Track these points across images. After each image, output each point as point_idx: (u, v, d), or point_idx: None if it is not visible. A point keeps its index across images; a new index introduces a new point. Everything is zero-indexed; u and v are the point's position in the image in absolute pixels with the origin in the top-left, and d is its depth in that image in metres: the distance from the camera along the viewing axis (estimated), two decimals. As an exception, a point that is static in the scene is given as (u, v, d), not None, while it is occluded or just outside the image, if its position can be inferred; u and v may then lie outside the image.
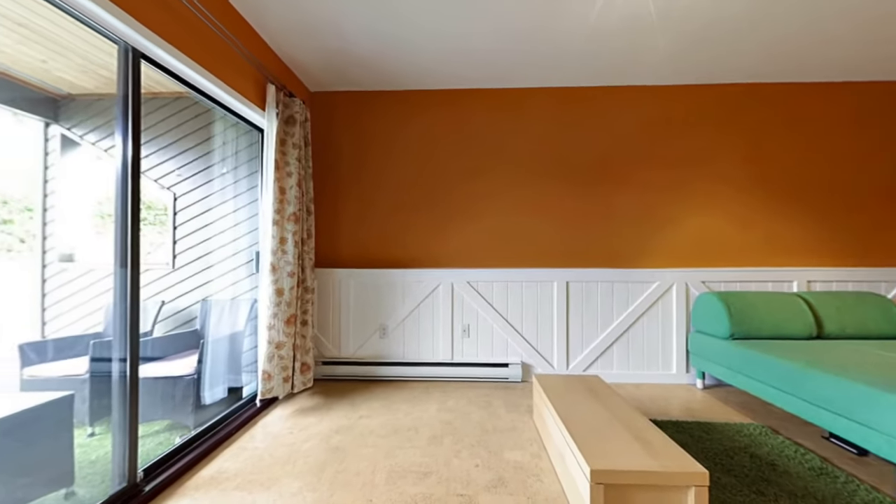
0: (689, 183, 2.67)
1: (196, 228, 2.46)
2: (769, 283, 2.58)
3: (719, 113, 2.67)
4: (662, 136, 2.70)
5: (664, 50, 2.30)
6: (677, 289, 2.59)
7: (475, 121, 2.76)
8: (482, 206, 2.74)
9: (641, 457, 1.17)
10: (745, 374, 2.08)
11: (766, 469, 1.53)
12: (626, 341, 2.64)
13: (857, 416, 1.49)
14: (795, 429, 1.93)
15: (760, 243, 2.65)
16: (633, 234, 2.70)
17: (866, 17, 1.95)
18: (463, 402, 2.26)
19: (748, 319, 2.24)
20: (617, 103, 2.73)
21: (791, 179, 2.64)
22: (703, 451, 1.68)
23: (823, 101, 2.64)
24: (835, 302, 2.31)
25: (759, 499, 1.34)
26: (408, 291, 2.70)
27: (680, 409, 2.18)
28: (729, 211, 2.66)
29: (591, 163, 2.72)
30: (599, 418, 1.46)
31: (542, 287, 2.67)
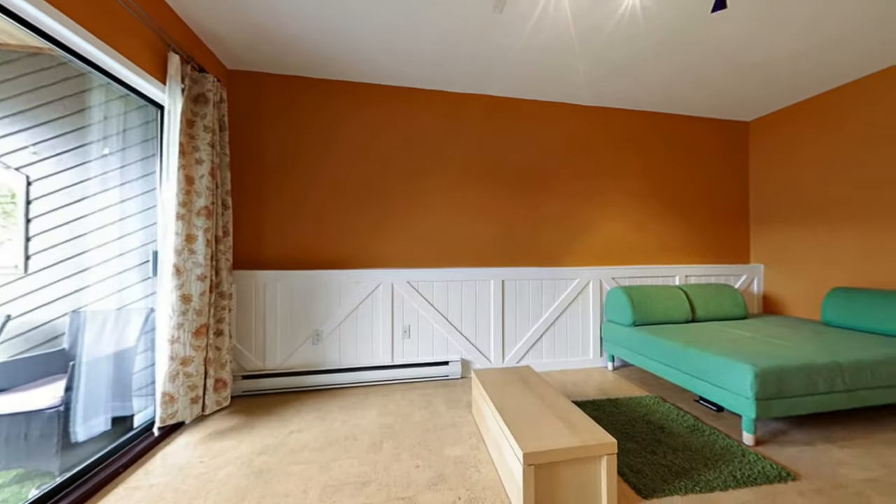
0: (602, 193, 2.93)
1: (63, 222, 1.88)
2: (660, 279, 2.99)
3: (625, 134, 2.98)
4: (582, 151, 2.90)
5: (584, 74, 2.45)
6: (593, 284, 2.82)
7: (417, 121, 2.62)
8: (423, 207, 2.61)
9: (566, 436, 1.29)
10: (642, 355, 2.33)
11: (658, 432, 1.75)
12: (553, 333, 2.78)
13: (716, 380, 1.78)
14: (677, 396, 2.24)
15: (654, 245, 3.06)
16: (558, 237, 2.85)
17: (736, 63, 2.33)
18: (404, 404, 2.13)
19: (645, 309, 2.52)
20: (546, 117, 2.85)
21: (675, 194, 3.08)
22: (612, 423, 1.86)
23: (699, 133, 3.13)
24: (703, 292, 2.75)
25: (652, 457, 1.55)
26: (345, 293, 2.46)
27: (595, 390, 2.36)
28: (631, 218, 3.00)
29: (523, 171, 2.79)
30: (531, 405, 1.56)
31: (481, 285, 2.68)
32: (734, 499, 1.32)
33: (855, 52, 2.18)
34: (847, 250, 2.58)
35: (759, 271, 3.19)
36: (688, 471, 1.47)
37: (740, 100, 2.86)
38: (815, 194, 2.78)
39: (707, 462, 1.52)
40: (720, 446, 1.65)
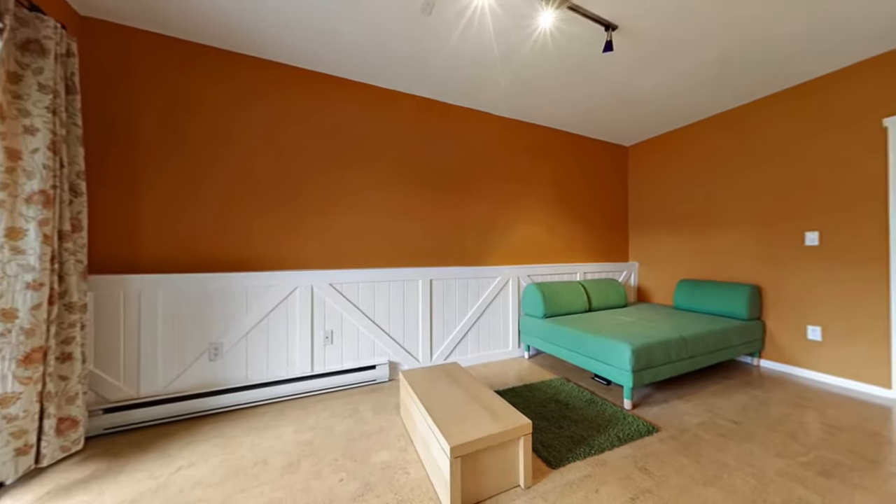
0: (520, 198, 3.21)
1: None
2: (566, 275, 3.43)
3: (539, 146, 3.32)
4: (504, 158, 3.13)
5: (505, 89, 2.65)
6: (512, 282, 3.06)
7: (342, 112, 2.45)
8: (347, 204, 2.46)
9: (489, 424, 1.37)
10: (552, 343, 2.64)
11: (563, 409, 2.00)
12: (478, 328, 2.93)
13: (605, 359, 2.14)
14: (578, 375, 2.59)
15: (562, 246, 3.49)
16: (482, 237, 3.00)
17: (617, 98, 2.78)
18: (326, 416, 1.96)
19: (555, 302, 2.87)
20: (473, 124, 2.98)
21: (577, 201, 3.56)
22: (528, 406, 2.06)
23: (594, 151, 3.68)
24: (596, 286, 3.27)
25: (559, 431, 1.76)
26: (254, 298, 2.14)
27: (514, 378, 2.55)
28: (543, 221, 3.36)
29: (451, 173, 2.86)
30: (457, 399, 1.62)
31: (409, 285, 2.65)
32: (618, 455, 1.59)
33: (697, 100, 2.87)
34: (690, 250, 3.37)
35: (635, 268, 3.94)
36: (586, 438, 1.71)
37: (621, 128, 3.48)
38: (671, 208, 3.56)
39: (599, 428, 1.80)
40: (609, 414, 1.97)
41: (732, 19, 1.88)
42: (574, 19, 1.87)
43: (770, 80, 2.55)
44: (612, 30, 1.93)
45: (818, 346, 2.50)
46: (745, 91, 2.70)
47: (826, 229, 2.46)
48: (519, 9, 1.80)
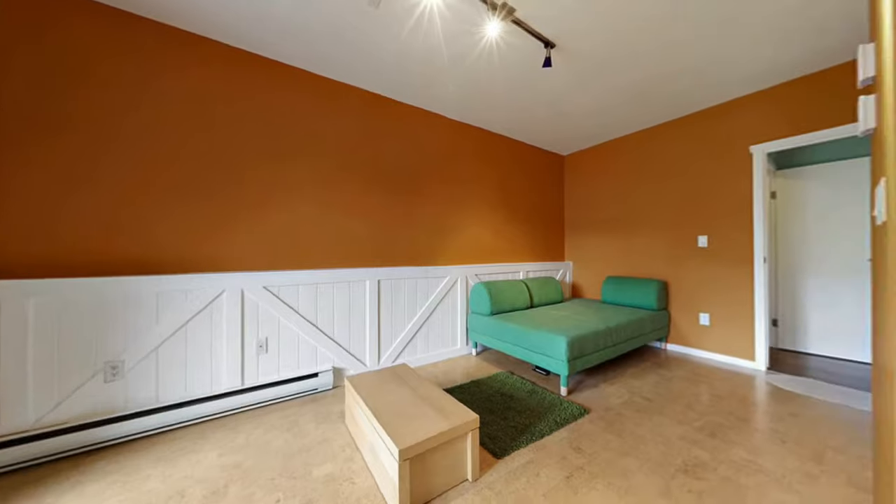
0: (468, 199, 3.28)
1: None
2: (510, 274, 3.61)
3: (485, 150, 3.44)
4: (453, 160, 3.17)
5: (454, 92, 2.73)
6: (460, 281, 3.13)
7: (280, 99, 2.23)
8: (287, 199, 2.25)
9: (438, 422, 1.37)
10: (498, 339, 2.75)
11: (508, 400, 2.11)
12: (427, 328, 2.92)
13: (544, 351, 2.31)
14: (522, 368, 2.75)
15: (507, 246, 3.64)
16: (431, 237, 3.01)
17: (555, 111, 3.03)
18: (259, 433, 1.76)
19: (500, 300, 3.00)
20: (424, 124, 2.96)
21: (520, 204, 3.79)
22: (475, 401, 2.13)
23: (535, 158, 3.94)
24: (537, 284, 3.52)
25: (504, 422, 1.85)
26: (168, 306, 1.83)
27: (463, 375, 2.61)
28: (490, 222, 3.48)
29: (401, 172, 2.81)
30: (406, 401, 1.59)
31: (355, 287, 2.53)
32: (556, 438, 1.72)
33: (623, 118, 3.25)
34: (615, 251, 3.81)
35: (570, 267, 4.32)
36: (528, 426, 1.81)
37: (559, 138, 3.79)
38: (600, 213, 3.98)
39: (540, 416, 1.93)
40: (548, 401, 2.12)
41: (657, 47, 2.16)
42: (518, 32, 1.98)
43: (676, 107, 3.01)
44: (550, 47, 2.09)
45: (708, 330, 3.02)
46: (659, 114, 3.15)
47: (713, 234, 2.99)
48: (467, 15, 1.84)
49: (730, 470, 1.47)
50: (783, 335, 3.29)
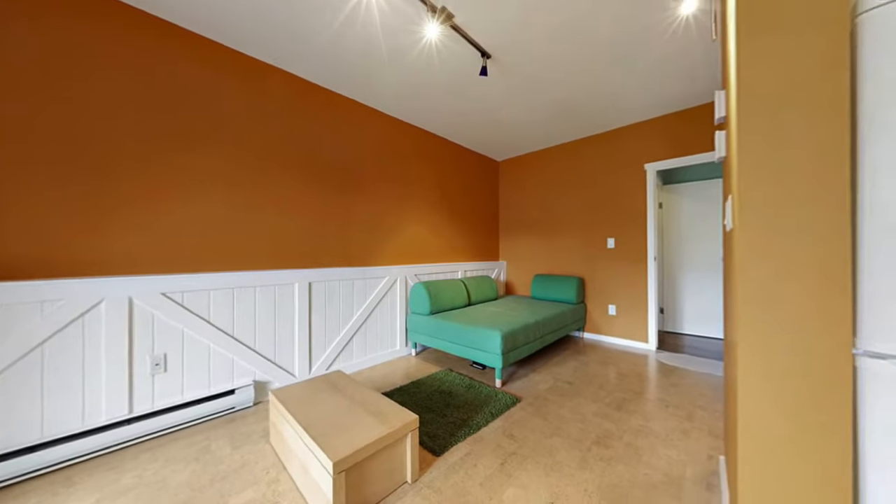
0: (407, 198, 3.24)
1: None
2: (449, 273, 3.67)
3: (425, 150, 3.44)
4: (393, 158, 3.10)
5: (393, 88, 2.65)
6: (400, 281, 3.07)
7: (185, 73, 1.89)
8: (195, 191, 1.92)
9: (376, 428, 1.32)
10: (437, 337, 2.79)
11: (447, 397, 2.16)
12: (365, 331, 2.80)
13: (481, 346, 2.42)
14: (460, 365, 2.83)
15: (446, 246, 3.73)
16: (369, 237, 2.89)
17: (490, 119, 3.22)
18: (155, 468, 1.47)
19: (439, 299, 3.04)
20: (362, 119, 2.82)
21: (458, 205, 3.89)
22: (415, 402, 2.12)
23: (473, 161, 4.07)
24: (475, 282, 3.67)
25: (443, 419, 1.87)
26: (19, 320, 1.41)
27: (402, 376, 2.57)
28: (429, 222, 3.52)
29: (337, 168, 2.63)
30: (341, 410, 1.50)
31: (283, 290, 2.29)
32: (492, 428, 1.81)
33: (550, 131, 3.56)
34: (543, 250, 4.17)
35: (504, 266, 4.60)
36: (466, 421, 1.87)
37: (494, 144, 4.00)
38: (530, 215, 4.32)
39: (477, 409, 2.01)
40: (484, 394, 2.21)
41: (576, 72, 2.42)
42: (457, 38, 2.02)
43: (591, 126, 3.42)
44: (487, 57, 2.18)
45: (615, 319, 3.51)
46: (578, 130, 3.55)
47: (619, 237, 3.48)
48: (406, 13, 1.82)
49: (630, 436, 1.73)
50: (667, 320, 4.02)
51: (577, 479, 1.42)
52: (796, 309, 0.71)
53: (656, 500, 1.30)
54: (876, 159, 0.68)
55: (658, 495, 1.32)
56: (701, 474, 1.44)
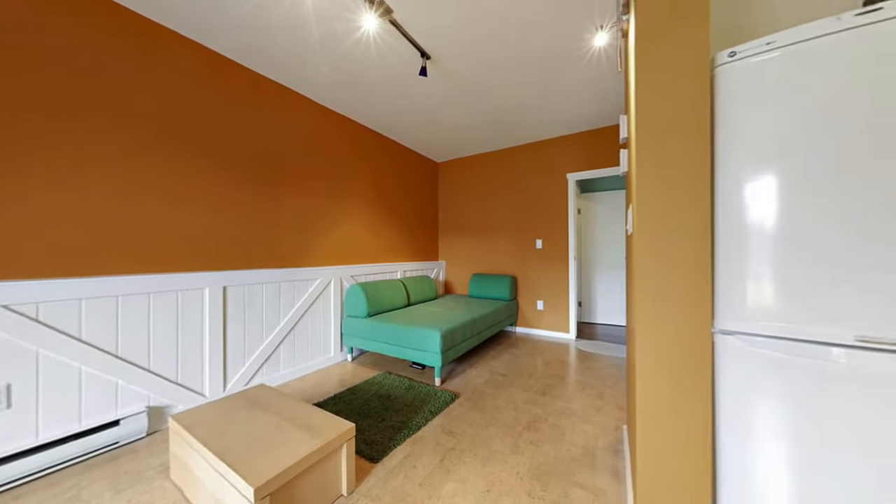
0: (343, 196, 3.07)
1: None
2: (387, 274, 3.60)
3: (363, 146, 3.30)
4: (328, 152, 2.89)
5: (326, 76, 2.47)
6: (334, 283, 2.89)
7: (60, 28, 1.47)
8: (62, 172, 1.52)
9: (307, 443, 1.22)
10: (375, 340, 2.71)
11: (386, 401, 2.11)
12: (293, 338, 2.57)
13: (420, 346, 2.43)
14: (399, 366, 2.80)
15: (384, 245, 3.64)
16: (301, 235, 2.65)
17: (429, 120, 3.30)
18: None
19: (378, 301, 2.96)
20: (292, 107, 2.57)
21: (397, 204, 3.82)
22: (352, 409, 2.01)
23: (413, 161, 4.06)
24: (414, 282, 3.68)
25: (382, 424, 1.82)
26: None
27: (337, 384, 2.43)
28: (367, 221, 3.38)
29: (262, 158, 2.35)
30: (264, 428, 1.35)
31: (189, 297, 1.95)
32: (431, 427, 1.83)
33: (488, 136, 3.73)
34: (480, 250, 4.36)
35: (443, 265, 4.69)
36: (405, 423, 1.85)
37: (433, 145, 4.05)
38: (468, 217, 4.48)
39: (417, 409, 2.00)
40: (424, 394, 2.22)
41: (510, 83, 2.58)
42: (397, 34, 1.99)
43: (523, 135, 3.70)
44: (427, 58, 2.20)
45: (542, 313, 3.86)
46: (512, 138, 3.80)
47: (546, 238, 3.84)
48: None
49: (555, 418, 1.93)
50: (585, 312, 4.57)
51: (510, 464, 1.52)
52: (676, 297, 0.88)
53: (576, 471, 1.47)
54: (726, 178, 0.88)
55: (578, 466, 1.50)
56: (610, 443, 1.68)
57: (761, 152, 0.83)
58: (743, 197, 0.85)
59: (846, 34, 0.75)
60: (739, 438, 0.85)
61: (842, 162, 0.75)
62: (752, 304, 0.84)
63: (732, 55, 0.87)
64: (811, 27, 0.78)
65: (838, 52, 0.76)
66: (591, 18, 1.87)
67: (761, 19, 1.29)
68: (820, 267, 0.77)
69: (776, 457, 0.80)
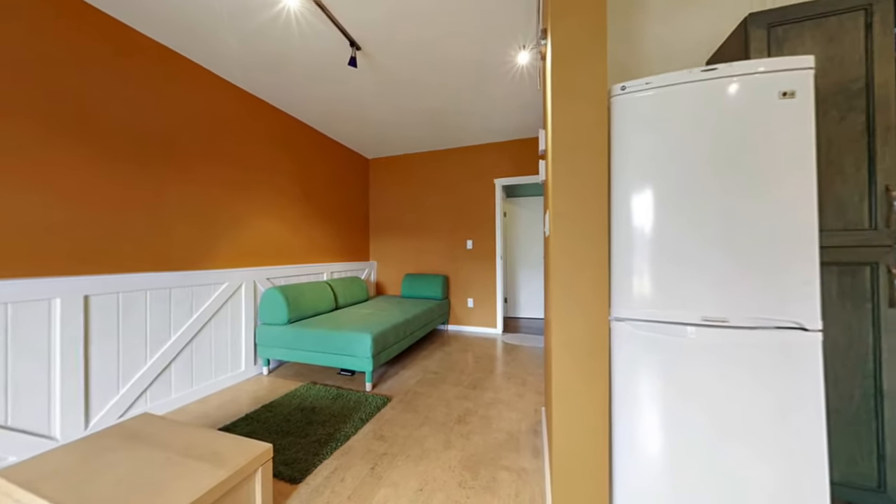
0: (256, 188, 2.72)
1: None
2: (312, 275, 3.32)
3: (283, 135, 2.98)
4: (237, 136, 2.52)
5: (236, 52, 2.14)
6: (246, 287, 2.55)
7: None
8: None
9: (209, 475, 1.06)
10: (297, 349, 2.48)
11: (310, 414, 1.96)
12: (190, 355, 2.17)
13: (350, 351, 2.32)
14: (326, 375, 2.62)
15: (309, 245, 3.35)
16: (198, 232, 2.26)
17: (359, 116, 3.23)
18: None
19: (300, 305, 2.71)
20: (188, 79, 2.16)
21: (323, 200, 3.56)
22: (268, 428, 1.81)
23: (341, 155, 3.83)
24: (343, 284, 3.49)
25: (306, 440, 1.68)
26: None
27: (250, 402, 2.15)
28: (288, 218, 3.07)
29: (142, 135, 1.92)
30: (149, 467, 1.11)
31: (26, 311, 1.47)
32: (362, 434, 1.76)
33: (421, 136, 3.74)
34: (412, 250, 4.36)
35: (374, 266, 4.55)
36: (332, 434, 1.74)
37: (364, 141, 3.90)
38: (400, 216, 4.43)
39: (346, 419, 1.90)
40: (354, 401, 2.12)
41: (442, 84, 2.63)
42: (324, 18, 1.86)
43: (455, 139, 3.83)
44: (357, 48, 2.11)
45: (473, 310, 4.06)
46: (444, 141, 3.90)
47: (476, 239, 4.05)
48: (257, -37, 1.53)
49: (484, 409, 2.05)
50: (510, 307, 4.97)
51: (442, 459, 1.56)
52: (584, 292, 1.02)
53: (503, 455, 1.59)
54: (619, 190, 1.06)
55: (504, 451, 1.62)
56: (531, 425, 1.86)
57: (642, 171, 1.03)
58: (630, 207, 1.04)
59: (696, 84, 0.98)
60: (629, 407, 1.03)
61: (693, 182, 0.98)
62: (636, 295, 1.03)
63: (623, 89, 1.06)
64: (674, 75, 1.00)
65: (691, 96, 0.98)
66: (514, 37, 2.04)
67: (644, 64, 1.59)
68: (679, 265, 0.98)
69: (651, 417, 1.00)
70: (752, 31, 1.17)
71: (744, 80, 0.94)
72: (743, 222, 0.93)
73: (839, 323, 1.09)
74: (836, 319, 1.10)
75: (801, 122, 0.90)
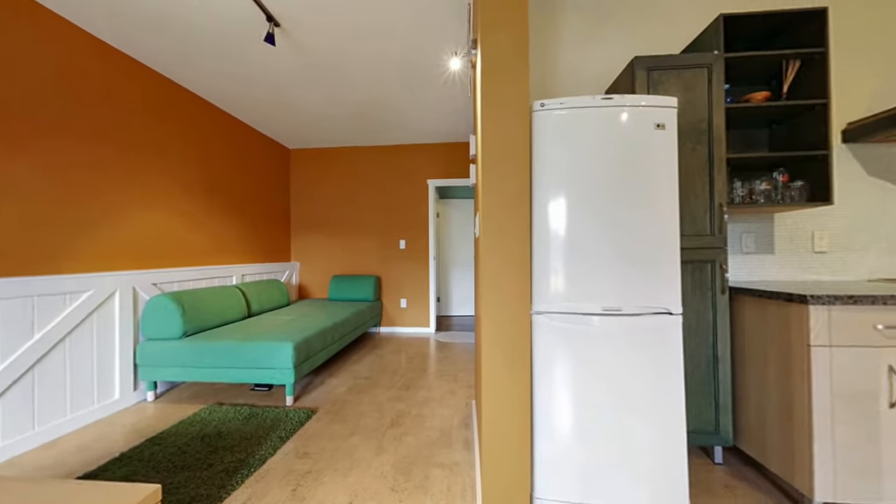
0: (139, 174, 2.21)
1: None
2: (217, 279, 2.85)
3: (174, 111, 2.50)
4: (102, 104, 2.01)
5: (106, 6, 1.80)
6: (122, 295, 2.06)
7: None
8: None
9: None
10: (196, 366, 2.11)
11: (215, 441, 1.69)
12: (30, 386, 1.64)
13: (266, 364, 2.08)
14: (235, 393, 2.30)
15: (211, 244, 2.85)
16: (48, 226, 1.74)
17: (277, 100, 2.81)
18: None
19: (199, 315, 2.31)
20: (32, 24, 1.63)
21: (234, 193, 3.09)
22: (156, 466, 1.51)
23: (255, 142, 3.37)
24: (257, 288, 3.08)
25: (209, 472, 1.46)
26: None
27: (126, 438, 1.75)
28: (183, 211, 2.57)
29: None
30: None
31: None
32: (282, 454, 1.59)
33: (348, 129, 3.53)
34: (340, 250, 4.12)
35: (296, 267, 4.16)
36: (244, 460, 1.53)
37: (284, 129, 3.54)
38: (327, 213, 4.14)
39: (261, 440, 1.69)
40: (271, 419, 1.91)
41: (373, 78, 2.53)
42: (231, -21, 1.62)
43: (386, 136, 3.75)
44: (275, 24, 1.90)
45: (406, 311, 4.04)
46: (375, 137, 3.78)
47: (409, 239, 4.03)
48: None
49: (418, 409, 2.05)
50: (442, 306, 5.09)
51: (374, 466, 1.51)
52: (510, 288, 1.11)
53: (435, 452, 1.62)
54: (538, 196, 1.19)
55: (437, 447, 1.65)
56: (462, 419, 1.94)
57: (556, 179, 1.17)
58: (547, 211, 1.17)
59: (597, 109, 1.15)
60: (546, 391, 1.16)
61: (596, 193, 1.15)
62: (552, 290, 1.17)
63: (542, 105, 1.18)
64: (582, 99, 1.16)
65: (595, 119, 1.15)
66: (447, 41, 2.10)
67: (558, 86, 1.80)
68: (584, 263, 1.14)
69: (564, 397, 1.15)
70: (637, 71, 1.42)
71: (631, 111, 1.14)
72: (631, 229, 1.13)
73: (691, 307, 1.41)
74: (690, 305, 1.41)
75: (669, 150, 1.13)
